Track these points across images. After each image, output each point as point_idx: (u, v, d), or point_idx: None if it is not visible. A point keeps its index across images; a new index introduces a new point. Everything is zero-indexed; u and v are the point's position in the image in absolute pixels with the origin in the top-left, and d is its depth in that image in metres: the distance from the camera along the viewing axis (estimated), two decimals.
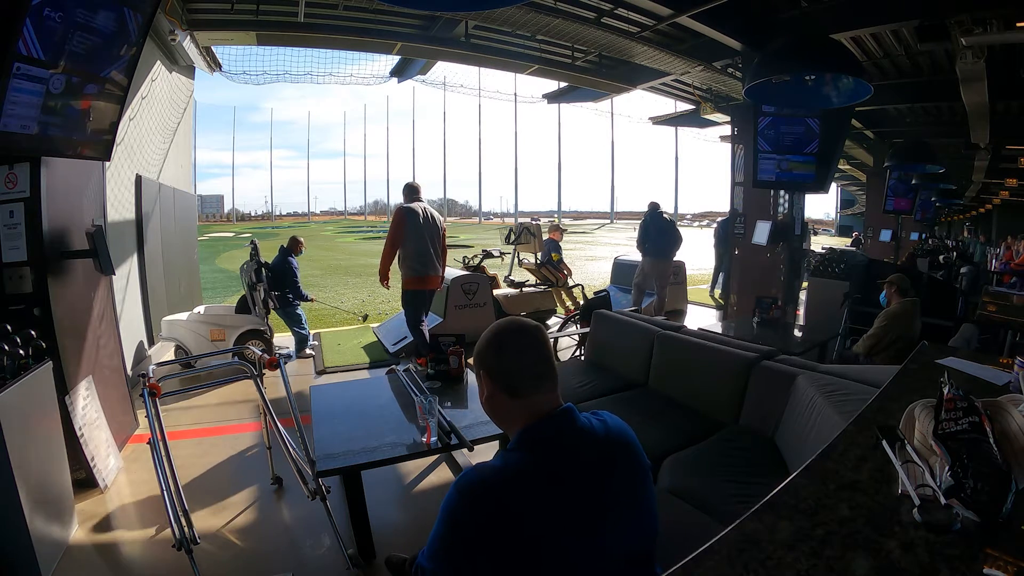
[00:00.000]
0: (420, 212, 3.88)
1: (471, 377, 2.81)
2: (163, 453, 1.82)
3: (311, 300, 4.91)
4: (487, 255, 6.12)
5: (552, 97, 8.84)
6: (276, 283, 4.55)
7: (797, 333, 4.63)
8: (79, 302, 2.71)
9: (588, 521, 0.88)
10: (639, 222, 6.02)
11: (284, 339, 5.06)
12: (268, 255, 4.69)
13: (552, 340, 4.67)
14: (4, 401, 1.75)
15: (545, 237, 6.40)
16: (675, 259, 6.20)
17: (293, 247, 4.86)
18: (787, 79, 3.02)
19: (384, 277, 3.89)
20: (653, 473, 2.02)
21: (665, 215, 6.01)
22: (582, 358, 3.91)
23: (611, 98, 8.30)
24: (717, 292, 7.70)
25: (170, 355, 4.42)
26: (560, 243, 6.37)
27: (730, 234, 7.55)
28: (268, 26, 4.84)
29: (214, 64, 5.92)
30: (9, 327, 1.99)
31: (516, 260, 6.57)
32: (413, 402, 2.25)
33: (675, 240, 5.84)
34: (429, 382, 2.70)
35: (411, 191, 4.00)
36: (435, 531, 0.90)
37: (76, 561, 2.06)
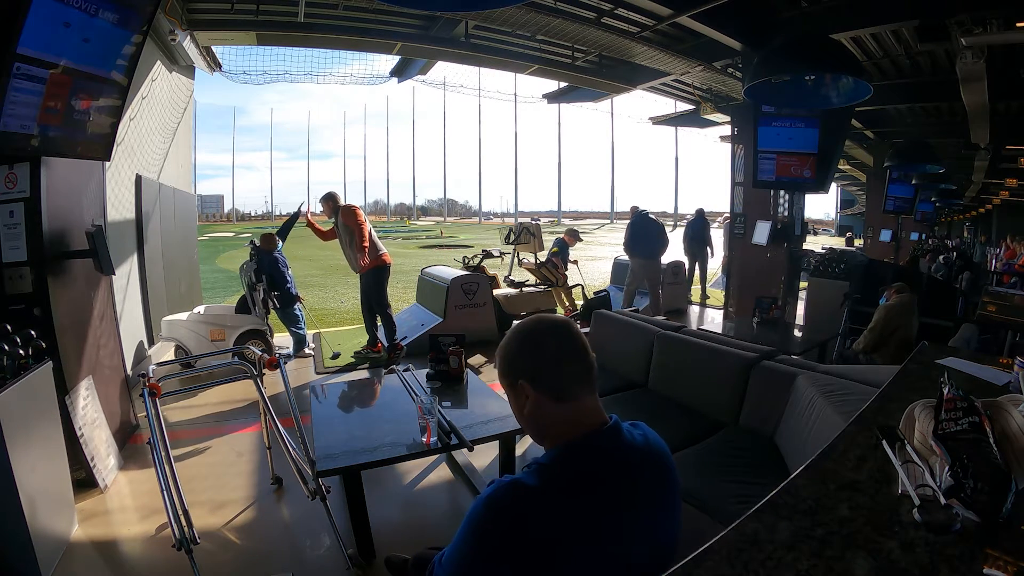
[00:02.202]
0: None
1: (471, 376, 2.82)
2: (163, 453, 1.81)
3: (299, 299, 4.91)
4: (487, 255, 6.12)
5: (552, 97, 8.84)
6: (269, 283, 4.52)
7: (797, 333, 4.64)
8: (79, 302, 2.71)
9: (623, 547, 0.82)
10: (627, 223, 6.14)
11: (284, 339, 5.06)
12: None
13: None
14: (4, 401, 1.75)
15: (556, 236, 6.44)
16: (674, 259, 6.26)
17: (267, 244, 4.69)
18: (787, 79, 3.02)
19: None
20: None
21: (651, 216, 6.12)
22: None
23: (611, 98, 8.29)
24: (696, 291, 7.77)
25: (170, 355, 4.42)
26: (570, 248, 6.38)
27: (705, 234, 7.79)
28: (268, 26, 4.84)
29: (214, 64, 5.92)
30: (9, 327, 1.99)
31: (516, 260, 6.57)
32: (413, 402, 2.25)
33: (662, 241, 5.97)
34: (429, 382, 2.70)
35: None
36: (457, 544, 0.83)
37: (76, 561, 2.05)
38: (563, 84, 7.84)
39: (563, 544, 0.78)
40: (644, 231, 5.94)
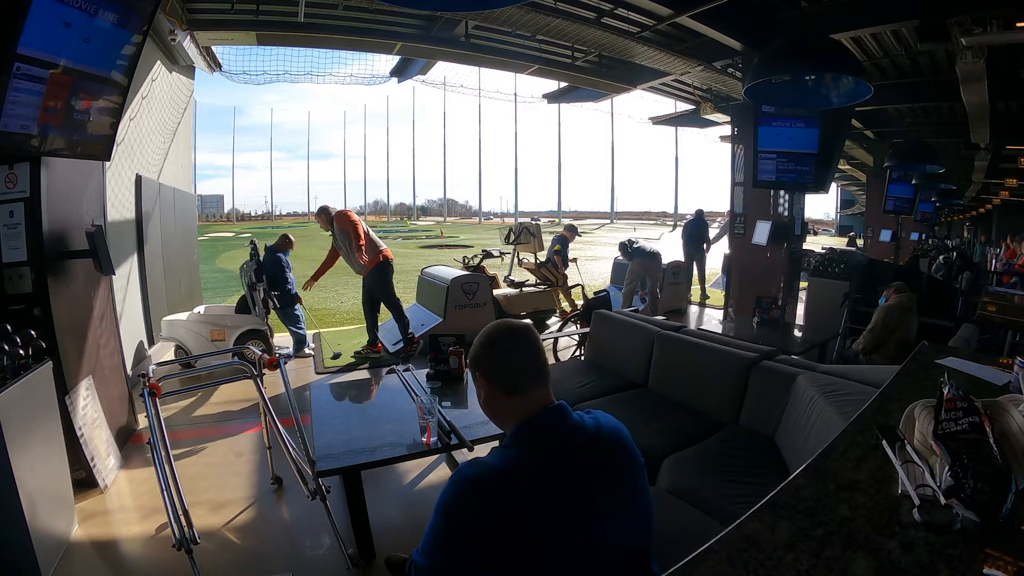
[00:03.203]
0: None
1: (471, 376, 2.81)
2: (163, 453, 1.82)
3: (299, 300, 4.88)
4: (487, 255, 6.12)
5: (552, 97, 8.84)
6: (270, 283, 4.53)
7: (797, 333, 4.64)
8: (79, 302, 2.71)
9: (582, 517, 0.89)
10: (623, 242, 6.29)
11: (284, 339, 5.06)
12: None
13: (552, 340, 4.75)
14: (4, 401, 1.75)
15: (556, 234, 6.45)
16: (674, 259, 6.30)
17: (283, 245, 4.82)
18: (787, 79, 3.02)
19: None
20: (653, 473, 2.03)
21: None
22: (582, 358, 3.91)
23: (611, 98, 8.29)
24: (696, 291, 7.79)
25: (170, 355, 4.42)
26: (570, 242, 6.40)
27: (704, 234, 7.81)
28: (268, 26, 4.84)
29: (214, 64, 5.92)
30: (9, 327, 1.99)
31: (516, 260, 6.57)
32: (413, 402, 2.25)
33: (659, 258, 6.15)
34: (429, 382, 2.70)
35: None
36: (431, 526, 0.91)
37: (76, 560, 2.06)
38: (563, 84, 7.84)
39: (525, 513, 0.86)
40: (637, 250, 6.10)
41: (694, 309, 7.29)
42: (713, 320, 6.59)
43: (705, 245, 7.84)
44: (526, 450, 0.93)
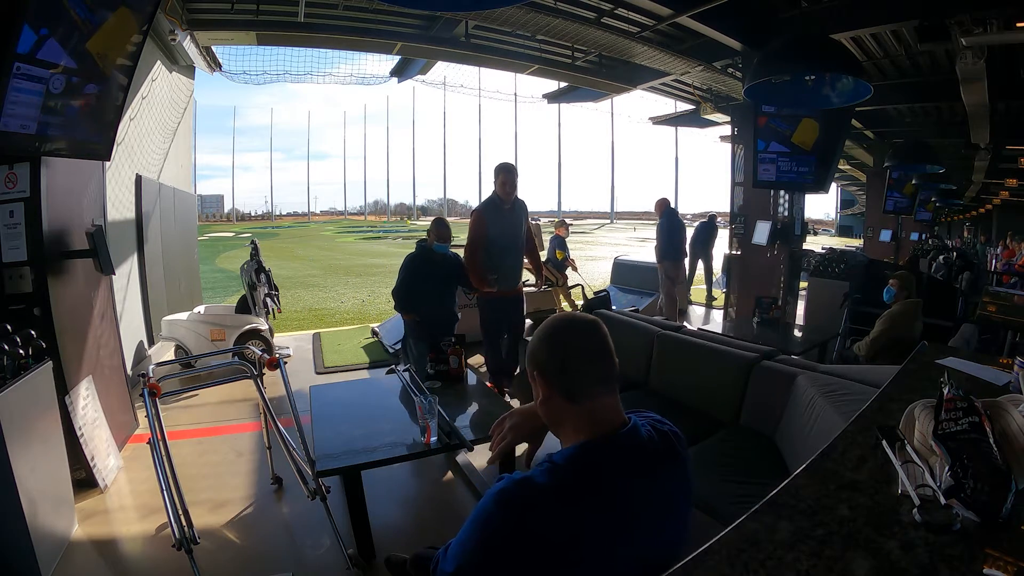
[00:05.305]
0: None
1: (471, 376, 2.82)
2: (163, 453, 1.81)
3: None
4: None
5: (552, 97, 8.83)
6: None
7: (797, 333, 4.64)
8: (79, 302, 2.71)
9: (630, 547, 0.82)
10: (658, 224, 6.13)
11: (284, 339, 5.06)
12: (268, 255, 4.67)
13: None
14: (4, 401, 1.75)
15: (552, 233, 6.45)
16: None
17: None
18: (787, 79, 3.02)
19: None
20: None
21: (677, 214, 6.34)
22: None
23: (611, 98, 8.28)
24: (697, 292, 7.87)
25: (170, 355, 4.42)
26: (566, 240, 6.41)
27: (710, 236, 7.93)
28: (268, 26, 4.83)
29: (214, 64, 5.92)
30: (9, 327, 1.99)
31: None
32: (413, 402, 2.24)
33: (683, 237, 6.29)
34: (429, 382, 2.70)
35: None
36: (464, 539, 0.83)
37: (76, 560, 2.06)
38: (563, 84, 7.83)
39: (569, 544, 0.78)
40: (676, 228, 6.11)
41: (694, 309, 7.29)
42: (713, 320, 6.59)
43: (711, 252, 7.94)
44: (583, 474, 0.82)
